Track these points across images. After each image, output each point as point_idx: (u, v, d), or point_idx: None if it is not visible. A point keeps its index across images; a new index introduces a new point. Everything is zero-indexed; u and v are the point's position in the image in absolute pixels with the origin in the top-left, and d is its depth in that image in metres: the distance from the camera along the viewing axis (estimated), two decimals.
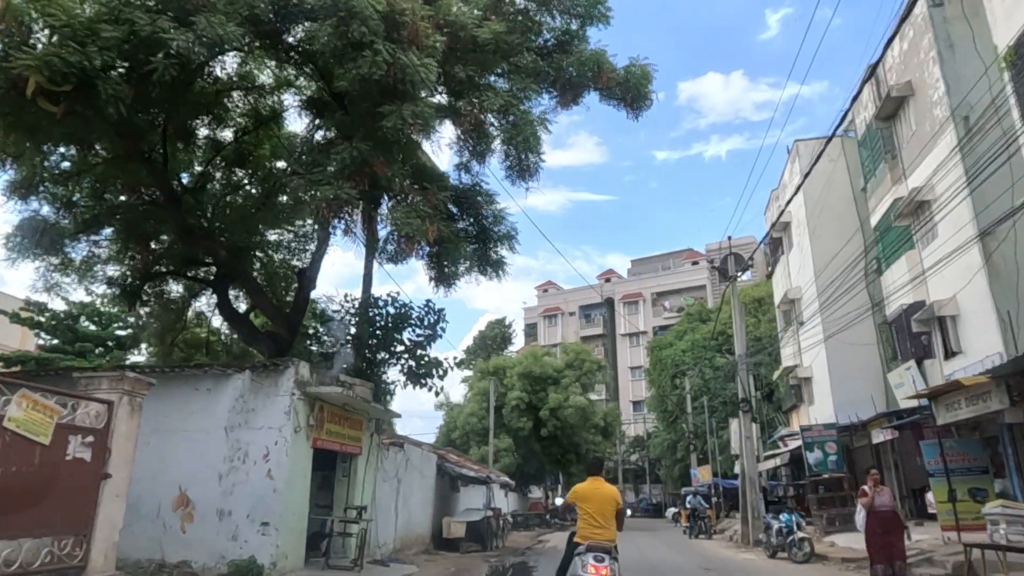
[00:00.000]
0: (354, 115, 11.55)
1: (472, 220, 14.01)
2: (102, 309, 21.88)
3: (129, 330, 22.31)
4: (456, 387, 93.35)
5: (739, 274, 20.09)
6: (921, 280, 19.03)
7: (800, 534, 14.19)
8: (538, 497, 43.65)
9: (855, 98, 13.42)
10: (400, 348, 14.25)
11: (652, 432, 51.28)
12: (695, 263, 64.14)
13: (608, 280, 70.11)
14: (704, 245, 64.39)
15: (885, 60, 20.22)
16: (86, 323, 22.37)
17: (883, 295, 21.90)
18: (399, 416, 14.02)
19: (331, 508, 12.30)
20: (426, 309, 14.33)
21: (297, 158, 12.76)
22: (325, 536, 11.81)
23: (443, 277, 14.16)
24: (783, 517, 14.80)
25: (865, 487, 9.47)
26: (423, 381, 13.77)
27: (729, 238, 20.09)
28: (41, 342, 22.66)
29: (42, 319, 21.50)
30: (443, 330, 14.49)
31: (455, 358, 14.17)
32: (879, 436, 19.40)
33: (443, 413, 44.80)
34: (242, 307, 17.20)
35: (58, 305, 20.86)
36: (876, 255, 22.45)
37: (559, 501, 36.55)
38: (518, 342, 65.00)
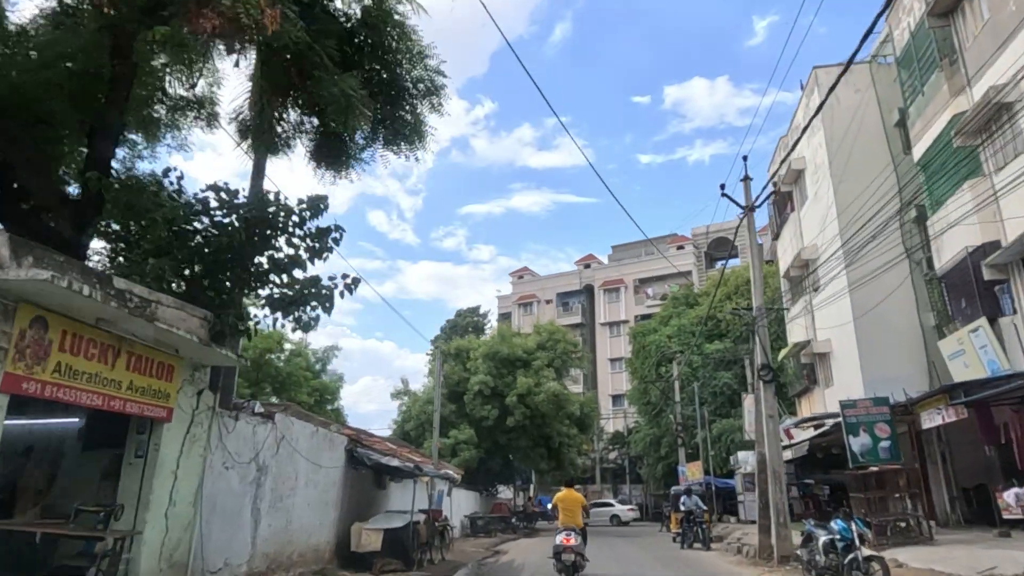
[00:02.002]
0: None
1: (376, 67, 9.03)
2: None
3: None
4: (419, 378, 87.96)
5: (756, 204, 15.33)
6: (994, 214, 14.57)
7: (865, 551, 9.45)
8: (506, 498, 38.58)
9: None
10: (266, 265, 9.24)
11: (633, 427, 46.56)
12: (680, 247, 59.72)
13: (588, 266, 65.62)
14: (691, 229, 60.17)
15: None
16: None
17: (931, 244, 17.46)
18: (237, 362, 8.88)
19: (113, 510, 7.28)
20: (308, 206, 9.31)
21: None
22: (91, 561, 6.82)
23: (330, 152, 9.13)
24: (836, 525, 10.04)
25: None
26: (292, 311, 8.76)
27: (745, 158, 15.41)
28: None
29: None
30: (336, 241, 9.48)
31: (351, 278, 9.16)
32: (934, 419, 14.83)
33: (400, 403, 39.78)
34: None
35: None
36: (919, 200, 17.97)
37: (548, 506, 32.05)
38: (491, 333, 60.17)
